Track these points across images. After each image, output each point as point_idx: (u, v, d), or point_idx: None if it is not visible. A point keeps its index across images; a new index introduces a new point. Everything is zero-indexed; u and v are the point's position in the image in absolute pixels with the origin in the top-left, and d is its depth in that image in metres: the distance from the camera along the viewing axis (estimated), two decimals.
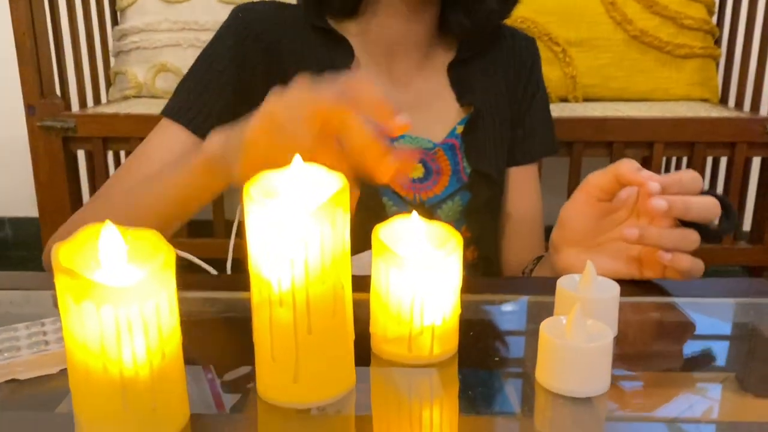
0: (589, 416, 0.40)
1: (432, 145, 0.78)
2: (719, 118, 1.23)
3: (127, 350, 0.34)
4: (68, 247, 0.35)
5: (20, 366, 0.43)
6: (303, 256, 0.37)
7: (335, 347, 0.40)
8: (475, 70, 0.82)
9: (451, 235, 0.44)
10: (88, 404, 0.36)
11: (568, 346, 0.40)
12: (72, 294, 0.33)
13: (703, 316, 0.55)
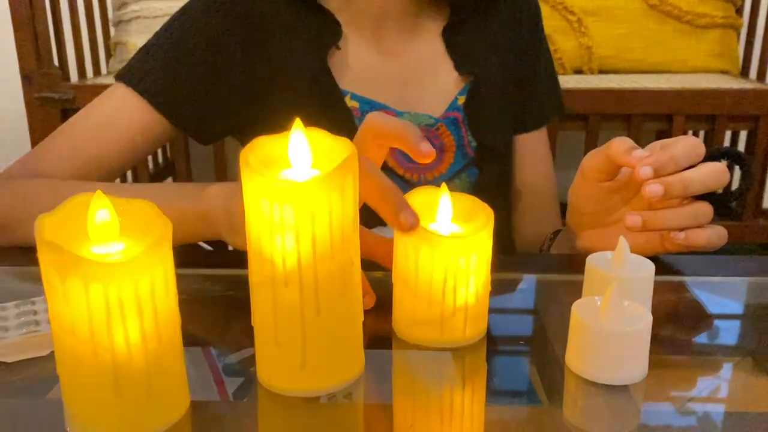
0: (626, 405, 0.37)
1: (433, 120, 0.72)
2: (743, 90, 1.18)
3: (119, 333, 0.31)
4: (54, 218, 0.32)
5: (7, 348, 0.40)
6: (310, 230, 0.33)
7: (345, 329, 0.36)
8: (471, 34, 0.75)
9: (480, 208, 0.40)
10: (78, 392, 0.32)
11: (603, 329, 0.37)
12: (58, 270, 0.30)
13: (722, 297, 0.51)
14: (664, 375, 0.39)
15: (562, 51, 1.33)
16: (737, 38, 1.41)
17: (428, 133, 0.72)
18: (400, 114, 0.71)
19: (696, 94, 1.16)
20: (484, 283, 0.40)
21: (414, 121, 0.71)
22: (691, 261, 0.55)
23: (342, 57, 0.71)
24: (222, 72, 0.70)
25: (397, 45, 0.74)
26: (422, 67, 0.74)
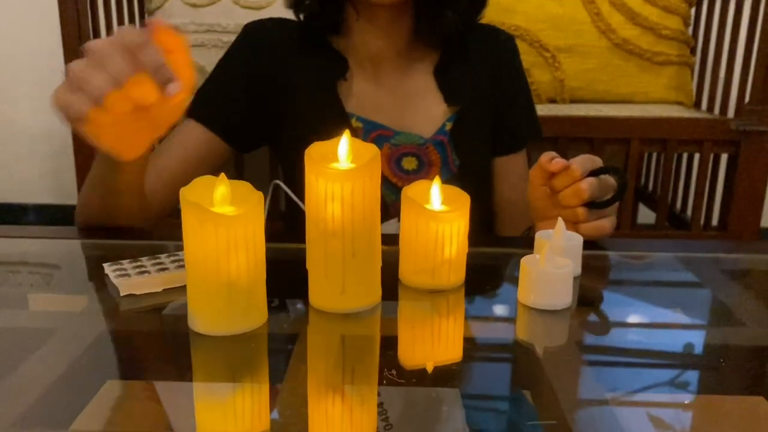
0: (557, 322, 0.55)
1: (423, 140, 0.90)
2: (688, 118, 1.39)
3: (233, 260, 0.49)
4: (191, 190, 0.50)
5: (147, 283, 0.58)
6: (350, 201, 0.52)
7: (370, 268, 0.55)
8: (459, 71, 0.92)
9: (459, 194, 0.59)
10: (201, 300, 0.50)
11: (540, 272, 0.55)
12: (198, 219, 0.48)
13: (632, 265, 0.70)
14: (582, 304, 0.58)
15: (538, 83, 1.53)
16: (691, 74, 1.61)
17: (418, 150, 0.90)
18: (396, 133, 0.90)
19: (649, 122, 1.36)
20: (463, 245, 0.59)
21: (407, 139, 0.90)
22: (620, 242, 0.74)
23: (348, 87, 0.90)
24: (255, 95, 0.90)
25: (393, 80, 0.92)
26: (416, 98, 0.92)
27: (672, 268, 0.71)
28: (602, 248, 0.72)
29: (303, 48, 0.91)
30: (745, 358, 0.52)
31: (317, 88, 0.90)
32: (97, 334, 0.51)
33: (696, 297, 0.65)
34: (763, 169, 1.35)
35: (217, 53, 1.62)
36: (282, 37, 0.92)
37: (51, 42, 1.91)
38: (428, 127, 0.91)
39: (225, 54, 0.92)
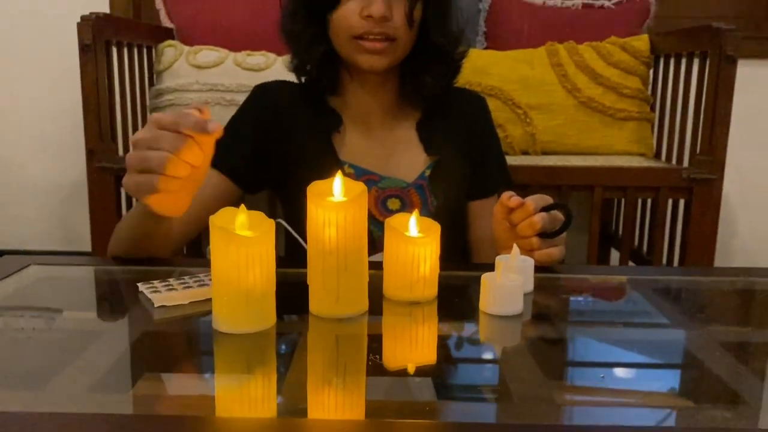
0: (510, 325, 0.68)
1: (405, 184, 1.04)
2: (646, 167, 1.54)
3: (250, 273, 0.62)
4: (216, 218, 0.63)
5: (177, 297, 0.70)
6: (343, 226, 0.65)
7: (359, 281, 0.68)
8: (437, 127, 1.07)
9: (432, 224, 0.72)
10: (223, 306, 0.63)
11: (496, 285, 0.68)
12: (224, 241, 0.61)
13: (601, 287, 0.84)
14: (527, 309, 0.71)
15: (512, 137, 1.69)
16: (651, 128, 1.78)
17: (401, 193, 1.04)
18: (382, 178, 1.04)
19: (610, 171, 1.51)
20: (435, 265, 0.72)
21: (392, 183, 1.04)
22: (569, 267, 0.87)
23: (341, 138, 1.05)
24: (263, 145, 1.04)
25: (381, 132, 1.07)
26: (400, 148, 1.07)
27: (609, 285, 0.84)
28: (554, 272, 0.85)
29: (303, 105, 1.06)
30: (669, 357, 0.65)
31: (315, 140, 1.04)
32: (138, 334, 0.64)
33: (627, 306, 0.78)
34: (714, 213, 1.49)
35: (221, 110, 1.78)
36: (286, 96, 1.07)
37: (67, 99, 2.07)
38: (410, 173, 1.05)
39: (238, 110, 1.08)
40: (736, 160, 2.00)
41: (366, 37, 0.95)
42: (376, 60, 0.97)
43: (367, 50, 0.96)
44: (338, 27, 0.97)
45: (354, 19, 0.95)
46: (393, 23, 0.95)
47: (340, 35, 0.97)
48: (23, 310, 0.72)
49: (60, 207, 2.23)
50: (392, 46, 0.96)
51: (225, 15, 1.91)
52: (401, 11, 0.95)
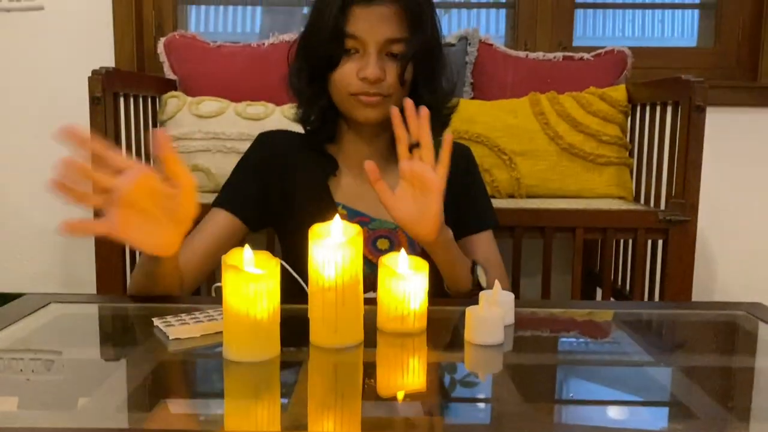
0: (492, 353, 0.75)
1: (393, 225, 1.12)
2: (624, 210, 1.63)
3: (258, 306, 0.69)
4: (228, 257, 0.71)
5: (189, 330, 0.77)
6: (341, 264, 0.73)
7: (355, 314, 0.75)
8: None
9: (421, 263, 0.80)
10: (233, 337, 0.70)
11: (479, 317, 0.76)
12: (234, 278, 0.69)
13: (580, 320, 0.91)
14: (508, 339, 0.78)
15: (498, 181, 1.78)
16: (630, 173, 1.88)
17: (390, 234, 1.13)
18: (373, 220, 1.13)
19: (591, 213, 1.60)
20: (424, 299, 0.80)
21: (381, 225, 1.13)
22: (548, 302, 0.95)
23: (337, 182, 1.15)
24: (265, 186, 1.14)
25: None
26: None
27: (587, 318, 0.91)
28: (535, 306, 0.93)
29: (303, 151, 1.16)
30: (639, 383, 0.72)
31: (313, 183, 1.14)
32: (156, 363, 0.71)
33: (597, 335, 0.85)
34: (689, 252, 1.58)
35: (222, 158, 1.87)
36: (287, 143, 1.17)
37: None
38: None
39: (243, 155, 1.17)
40: (713, 201, 2.11)
41: (362, 94, 1.05)
42: (371, 113, 1.06)
43: (363, 104, 1.05)
44: (337, 85, 1.06)
45: (351, 78, 1.04)
46: (386, 83, 1.04)
47: (339, 92, 1.07)
48: (47, 345, 0.78)
49: (61, 251, 2.30)
50: (386, 100, 1.05)
51: (226, 67, 2.01)
52: (394, 72, 1.04)
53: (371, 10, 1.03)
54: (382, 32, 1.03)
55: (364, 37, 1.03)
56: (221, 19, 2.58)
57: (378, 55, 1.03)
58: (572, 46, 2.21)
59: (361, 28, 1.03)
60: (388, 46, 1.04)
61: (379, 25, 1.03)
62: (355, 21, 1.03)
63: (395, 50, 1.04)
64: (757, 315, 0.88)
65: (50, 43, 2.18)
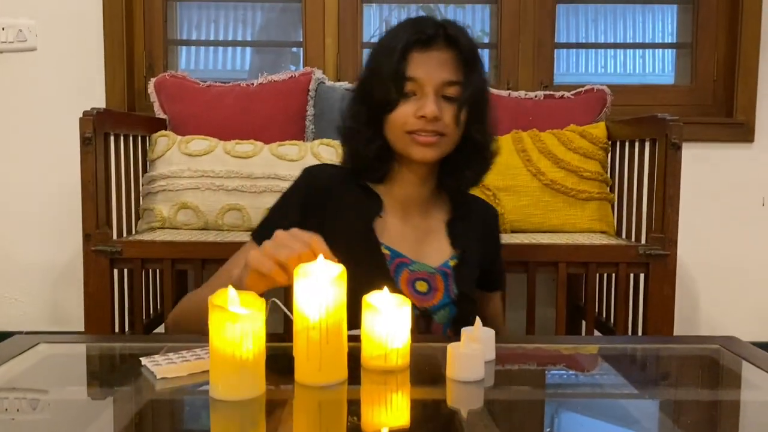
0: (472, 390, 0.77)
1: (433, 269, 1.15)
2: (606, 244, 1.67)
3: (243, 345, 0.71)
4: (215, 297, 0.73)
5: (177, 369, 0.79)
6: (325, 304, 0.75)
7: (338, 352, 0.77)
8: (461, 226, 1.21)
9: (404, 300, 0.83)
10: (220, 376, 0.72)
11: (460, 354, 0.78)
12: (220, 318, 0.71)
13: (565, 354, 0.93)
14: (489, 375, 0.80)
15: None
16: (611, 208, 1.92)
17: (428, 277, 1.14)
18: (413, 262, 1.15)
19: (573, 248, 1.64)
20: (407, 336, 0.82)
21: (421, 267, 1.15)
22: (530, 338, 0.97)
23: (381, 221, 1.17)
24: (308, 221, 1.11)
25: (416, 221, 1.19)
26: (430, 237, 1.19)
27: (566, 353, 0.94)
28: (515, 342, 0.95)
29: (349, 188, 1.18)
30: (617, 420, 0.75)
31: (358, 221, 1.16)
32: (144, 402, 0.72)
33: (581, 370, 0.87)
34: (670, 285, 1.61)
35: (211, 195, 1.90)
36: (333, 179, 1.18)
37: (62, 185, 2.17)
38: (437, 260, 1.17)
39: (286, 190, 1.19)
40: (694, 234, 2.16)
41: (419, 133, 1.09)
42: (428, 152, 1.11)
43: (420, 143, 1.10)
44: (395, 124, 1.11)
45: (409, 118, 1.09)
46: (443, 122, 1.09)
47: (396, 131, 1.11)
48: (35, 384, 0.79)
49: (50, 289, 2.30)
50: (442, 140, 1.11)
51: (215, 106, 2.05)
52: (450, 113, 1.10)
53: (429, 55, 1.09)
54: (439, 75, 1.09)
55: (423, 80, 1.08)
56: (211, 58, 2.64)
57: (435, 96, 1.09)
58: (553, 84, 2.28)
59: (420, 71, 1.09)
60: (444, 89, 1.09)
61: (437, 68, 1.09)
62: (415, 65, 1.09)
63: (451, 93, 1.10)
64: (730, 349, 0.91)
65: (42, 84, 2.22)
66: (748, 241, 2.24)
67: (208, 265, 1.66)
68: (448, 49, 1.10)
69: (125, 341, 0.93)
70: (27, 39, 2.22)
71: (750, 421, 0.74)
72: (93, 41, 2.22)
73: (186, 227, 1.92)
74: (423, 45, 1.10)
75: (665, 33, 2.51)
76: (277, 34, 2.48)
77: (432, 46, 1.10)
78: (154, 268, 1.77)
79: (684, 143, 1.63)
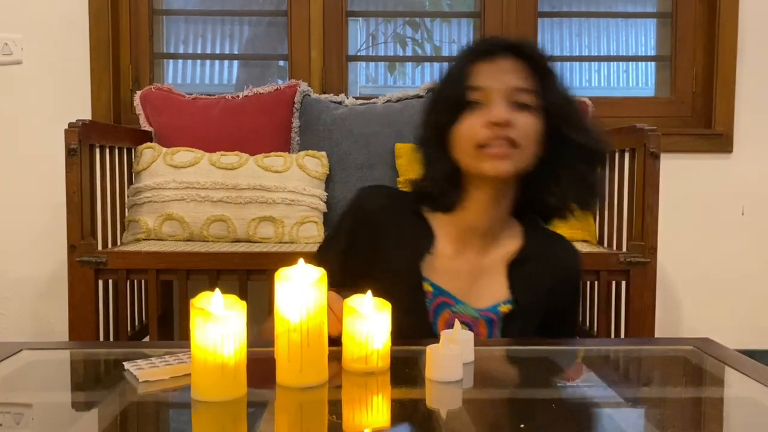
0: (451, 390, 0.79)
1: (477, 315, 1.04)
2: (587, 252, 1.69)
3: (225, 348, 0.72)
4: (197, 300, 0.74)
5: (158, 373, 0.80)
6: (306, 306, 0.76)
7: (319, 355, 0.78)
8: (528, 270, 1.05)
9: (384, 304, 0.84)
10: (201, 377, 0.73)
11: (438, 354, 0.80)
12: (202, 319, 0.72)
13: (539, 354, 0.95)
14: (468, 376, 0.82)
15: None
16: (593, 218, 1.95)
17: (471, 321, 1.04)
18: (458, 302, 1.05)
19: None
20: (387, 339, 0.83)
21: (464, 310, 1.05)
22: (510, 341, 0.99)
23: (432, 255, 1.06)
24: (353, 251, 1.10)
25: (472, 257, 1.06)
26: (485, 277, 1.06)
27: (542, 354, 0.96)
28: (493, 345, 0.96)
29: (401, 216, 1.09)
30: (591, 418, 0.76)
31: (406, 255, 1.07)
32: (126, 404, 0.73)
33: (557, 371, 0.89)
34: (650, 292, 1.64)
35: (196, 206, 1.91)
36: (384, 209, 1.10)
37: (47, 197, 2.17)
38: (485, 300, 1.06)
39: (343, 212, 1.14)
40: (676, 243, 2.19)
41: (490, 145, 0.99)
42: (501, 164, 0.99)
43: (491, 156, 0.99)
44: (463, 139, 1.01)
45: (477, 128, 0.99)
46: (515, 131, 0.99)
47: (463, 146, 1.01)
48: (18, 390, 0.80)
49: (33, 302, 2.29)
50: (515, 152, 0.99)
51: (201, 119, 2.07)
52: (523, 121, 0.99)
53: (495, 64, 1.02)
54: (507, 81, 1.00)
55: (489, 86, 1.00)
56: (198, 72, 2.66)
57: (505, 102, 1.00)
58: None
59: (485, 79, 1.01)
60: (514, 95, 1.00)
61: (503, 74, 1.01)
62: (479, 74, 1.02)
63: (523, 99, 1.00)
64: (703, 349, 0.93)
65: (28, 96, 2.23)
66: (729, 249, 2.28)
67: (193, 275, 1.67)
68: (516, 58, 1.02)
69: (108, 347, 0.94)
70: (13, 52, 2.23)
71: (716, 419, 0.76)
72: (79, 54, 2.23)
73: (171, 238, 1.92)
74: (487, 55, 1.03)
75: (648, 46, 2.57)
76: (264, 47, 2.51)
77: (497, 56, 1.02)
78: (139, 278, 1.77)
79: (665, 154, 1.67)
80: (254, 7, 2.43)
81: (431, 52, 2.51)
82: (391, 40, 2.52)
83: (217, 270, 1.65)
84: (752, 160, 2.27)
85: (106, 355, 0.93)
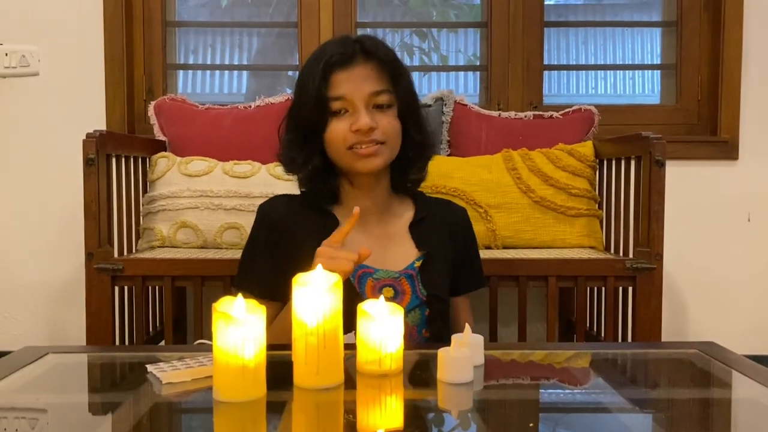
0: (462, 391, 0.81)
1: (396, 274, 1.19)
2: (594, 259, 1.72)
3: (246, 350, 0.75)
4: (219, 304, 0.77)
5: (181, 375, 0.83)
6: (323, 310, 0.80)
7: (335, 357, 0.81)
8: (427, 228, 1.25)
9: (396, 308, 0.87)
10: (223, 378, 0.76)
11: (450, 357, 0.83)
12: (224, 322, 0.75)
13: None
14: (478, 378, 0.85)
15: (475, 233, 1.86)
16: (599, 224, 1.97)
17: (393, 282, 1.18)
18: (377, 270, 1.18)
19: (563, 262, 1.68)
20: (400, 342, 0.86)
21: (385, 274, 1.18)
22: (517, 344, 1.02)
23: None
24: (276, 256, 1.18)
25: (375, 229, 1.22)
26: (392, 242, 1.23)
27: (550, 358, 0.98)
28: (502, 348, 0.99)
29: (304, 213, 1.23)
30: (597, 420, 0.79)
31: (317, 241, 1.14)
32: (151, 405, 0.76)
33: (564, 374, 0.92)
34: (657, 298, 1.66)
35: (210, 214, 1.95)
36: (286, 209, 1.23)
37: (63, 205, 2.21)
38: (401, 263, 1.21)
39: (250, 233, 1.25)
40: (682, 249, 2.21)
41: (359, 146, 1.14)
42: (372, 161, 1.15)
43: (361, 156, 1.14)
44: (334, 143, 1.15)
45: (346, 134, 1.13)
46: (379, 131, 1.14)
47: (336, 149, 1.16)
48: (48, 391, 0.83)
49: (49, 309, 2.33)
50: (383, 148, 1.15)
51: (214, 128, 2.11)
52: (384, 120, 1.14)
53: (351, 72, 1.14)
54: (366, 88, 1.13)
55: (350, 96, 1.13)
56: (208, 82, 2.71)
57: (367, 109, 1.13)
58: (543, 105, 2.34)
59: (345, 89, 1.13)
60: (373, 99, 1.14)
61: (362, 82, 1.13)
62: (339, 84, 1.13)
63: (381, 101, 1.14)
64: (708, 353, 0.95)
65: (45, 107, 2.28)
66: (736, 255, 2.30)
67: (207, 281, 1.70)
68: (368, 62, 1.15)
69: (130, 351, 0.97)
70: (30, 64, 2.28)
71: (722, 422, 0.79)
72: (94, 66, 2.28)
73: (185, 246, 1.96)
74: (343, 64, 1.14)
75: (653, 55, 2.60)
76: (274, 58, 2.55)
77: (352, 63, 1.14)
78: (155, 285, 1.81)
79: (671, 161, 1.69)
80: (264, 19, 2.48)
81: (438, 61, 2.55)
82: (399, 50, 2.56)
83: (230, 276, 1.69)
84: (758, 166, 2.29)
85: (128, 359, 0.96)
